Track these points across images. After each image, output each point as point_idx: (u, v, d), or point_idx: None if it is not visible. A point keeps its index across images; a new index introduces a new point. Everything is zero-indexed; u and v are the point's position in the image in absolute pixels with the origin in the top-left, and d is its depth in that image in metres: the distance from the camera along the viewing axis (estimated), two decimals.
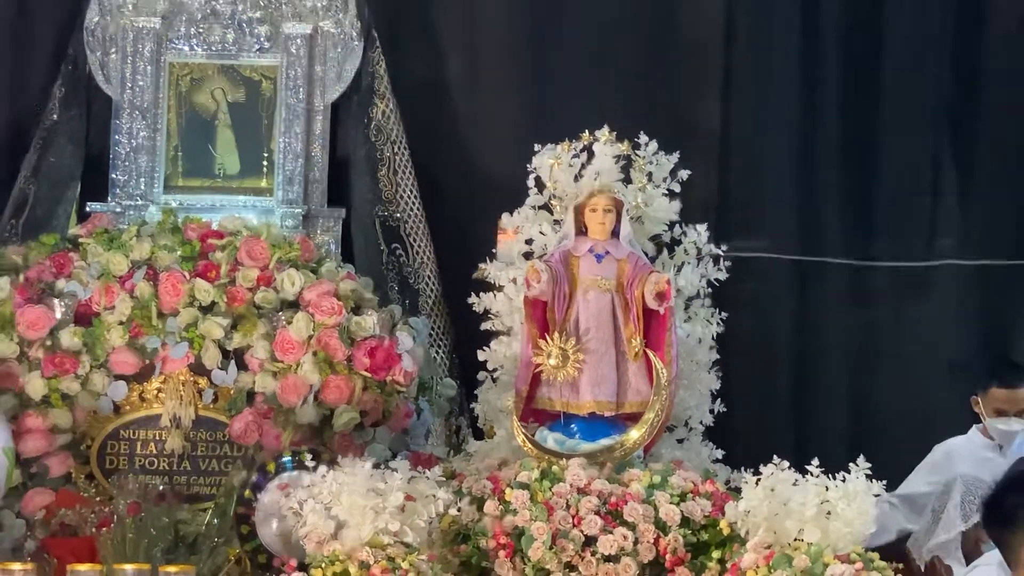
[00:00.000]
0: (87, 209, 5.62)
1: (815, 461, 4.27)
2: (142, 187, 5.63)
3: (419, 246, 5.71)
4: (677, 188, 5.08)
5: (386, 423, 5.14)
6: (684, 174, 5.08)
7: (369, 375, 5.08)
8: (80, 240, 5.31)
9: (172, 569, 4.19)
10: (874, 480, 4.23)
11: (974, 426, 5.34)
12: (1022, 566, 3.14)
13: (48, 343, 5.06)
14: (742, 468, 4.67)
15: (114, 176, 5.66)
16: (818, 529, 4.18)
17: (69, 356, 5.05)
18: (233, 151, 5.72)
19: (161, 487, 4.98)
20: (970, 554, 4.96)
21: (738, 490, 4.46)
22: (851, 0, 6.11)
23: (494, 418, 5.11)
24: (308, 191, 5.66)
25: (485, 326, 5.13)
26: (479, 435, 5.23)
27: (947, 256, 6.00)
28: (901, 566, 4.23)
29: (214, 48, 5.73)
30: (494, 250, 5.20)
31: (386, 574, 4.21)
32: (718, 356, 5.16)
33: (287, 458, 4.78)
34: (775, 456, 4.33)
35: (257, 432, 5.07)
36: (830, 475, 4.25)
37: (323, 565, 4.24)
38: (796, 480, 4.27)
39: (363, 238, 5.70)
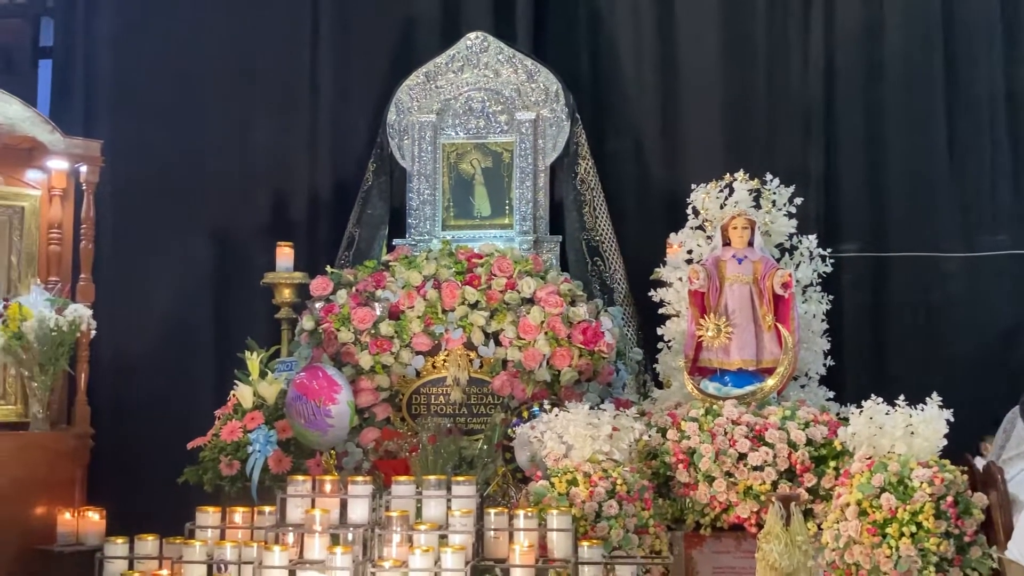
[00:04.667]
0: (393, 243, 5.70)
1: (902, 397, 4.16)
2: (428, 227, 5.67)
3: (612, 259, 5.62)
4: (793, 210, 4.99)
5: (596, 379, 5.15)
6: (798, 200, 4.98)
7: (583, 347, 5.09)
8: (390, 263, 5.43)
9: (460, 479, 4.19)
10: (943, 408, 4.11)
11: None
12: None
13: (372, 331, 5.19)
14: (847, 404, 4.56)
15: (410, 221, 5.71)
16: (905, 444, 4.08)
17: (386, 340, 5.18)
18: (486, 200, 5.71)
19: (448, 425, 5.04)
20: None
21: (846, 419, 4.37)
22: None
23: (670, 374, 5.08)
24: (536, 225, 5.63)
25: (661, 311, 5.10)
26: (660, 386, 5.19)
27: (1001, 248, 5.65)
28: (966, 468, 4.09)
29: (471, 132, 5.73)
30: (665, 259, 5.16)
31: (601, 480, 4.24)
32: (827, 326, 5.04)
33: (535, 407, 4.84)
34: (872, 394, 4.22)
35: (510, 387, 5.12)
36: (912, 406, 4.14)
37: (559, 475, 4.29)
38: (888, 411, 4.16)
39: (574, 254, 5.63)
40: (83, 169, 5.37)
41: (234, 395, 4.95)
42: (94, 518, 4.94)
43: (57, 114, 5.89)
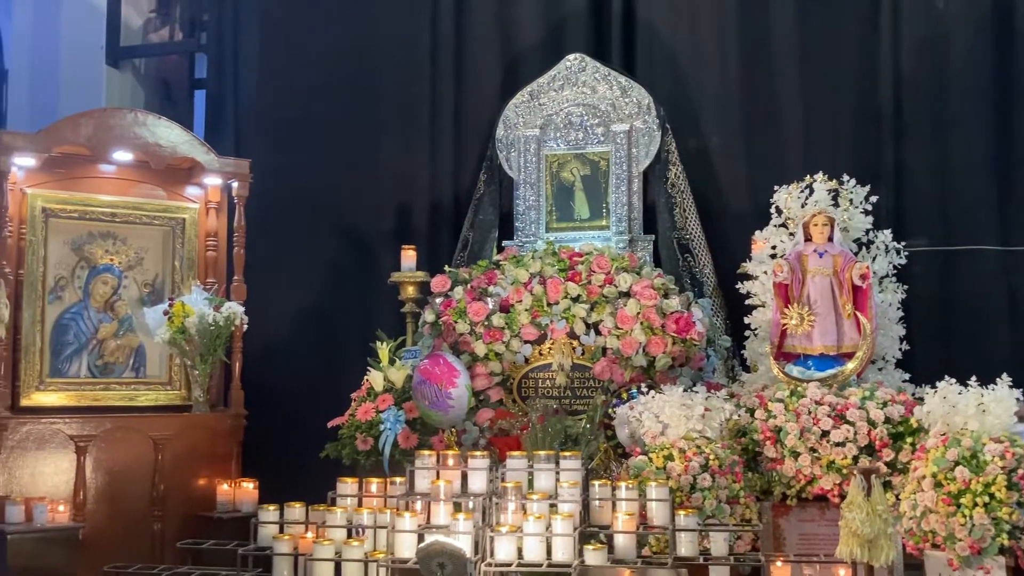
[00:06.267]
0: (502, 244, 5.72)
1: (973, 378, 4.09)
2: (533, 230, 5.69)
3: (701, 255, 5.58)
4: (869, 208, 4.92)
5: (688, 364, 5.12)
6: (873, 199, 4.91)
7: (676, 335, 5.06)
8: (500, 262, 5.46)
9: (566, 454, 4.23)
10: (1013, 388, 4.02)
11: None
12: None
13: (486, 323, 5.21)
14: (922, 384, 4.50)
15: (517, 224, 5.72)
16: (977, 421, 4.01)
17: (498, 330, 5.19)
18: (585, 204, 5.70)
19: (555, 406, 5.05)
20: None
21: (921, 399, 4.31)
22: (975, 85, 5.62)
23: (756, 359, 5.04)
24: (631, 225, 5.60)
25: (748, 302, 5.05)
26: (747, 370, 5.15)
27: None
28: None
29: (571, 143, 5.73)
30: (751, 254, 5.11)
31: (695, 455, 4.25)
32: (902, 313, 4.96)
33: (634, 390, 4.86)
34: (945, 375, 4.16)
35: (609, 372, 5.11)
36: (983, 386, 4.06)
37: (656, 451, 4.31)
38: (960, 391, 4.10)
39: (666, 251, 5.61)
40: (234, 184, 5.60)
41: (367, 380, 5.04)
42: (249, 488, 5.15)
43: (211, 137, 6.14)
